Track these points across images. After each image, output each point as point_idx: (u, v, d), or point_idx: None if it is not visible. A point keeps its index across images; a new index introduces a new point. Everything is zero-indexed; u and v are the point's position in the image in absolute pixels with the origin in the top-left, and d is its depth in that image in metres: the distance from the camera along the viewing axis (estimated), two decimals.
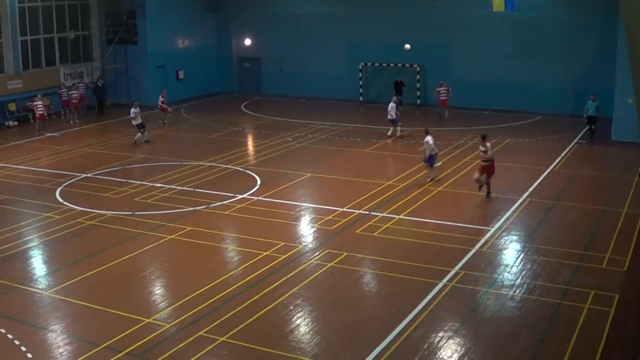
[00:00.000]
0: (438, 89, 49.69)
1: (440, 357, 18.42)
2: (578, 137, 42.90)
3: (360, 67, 57.45)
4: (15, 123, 51.69)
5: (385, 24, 56.09)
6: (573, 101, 49.19)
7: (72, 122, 52.05)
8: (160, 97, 50.61)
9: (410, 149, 40.93)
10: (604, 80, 45.71)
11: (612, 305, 21.08)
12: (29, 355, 18.91)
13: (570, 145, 40.77)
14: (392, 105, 43.95)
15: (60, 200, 32.61)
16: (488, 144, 32.16)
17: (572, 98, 49.53)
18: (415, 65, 55.20)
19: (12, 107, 52.38)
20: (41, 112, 49.36)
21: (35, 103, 49.56)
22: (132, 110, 45.05)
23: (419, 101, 55.38)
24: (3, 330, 20.28)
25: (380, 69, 56.79)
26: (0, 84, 51.99)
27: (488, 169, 31.78)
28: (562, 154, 38.60)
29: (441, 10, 54.25)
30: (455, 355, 18.51)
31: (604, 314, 20.61)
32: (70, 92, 53.73)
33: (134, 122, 45.04)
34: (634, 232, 27.08)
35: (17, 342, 19.62)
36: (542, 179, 34.27)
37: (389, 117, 44.16)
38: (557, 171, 35.54)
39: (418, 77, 55.35)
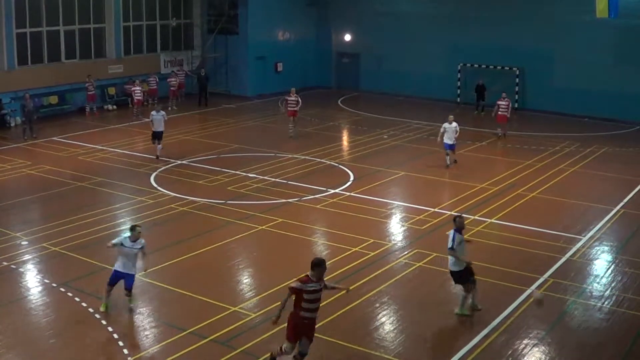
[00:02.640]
0: (499, 102, 45.33)
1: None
2: None
3: (459, 67, 57.13)
4: (114, 107, 52.56)
5: (486, 25, 55.62)
6: None
7: (170, 108, 52.62)
8: (135, 87, 51.15)
9: (506, 152, 40.61)
10: None
11: None
12: (115, 336, 19.22)
13: None
14: (454, 125, 37.28)
15: (155, 185, 33.07)
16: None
17: None
18: (514, 68, 54.67)
19: (111, 91, 53.36)
20: (139, 97, 50.13)
21: (133, 88, 50.34)
22: (154, 114, 38.65)
23: (516, 105, 54.78)
24: (91, 310, 20.67)
25: (479, 70, 56.35)
26: (101, 68, 52.99)
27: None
28: None
29: (545, 14, 53.52)
30: None
31: None
32: (169, 80, 54.37)
33: (154, 129, 38.39)
34: None
35: (103, 322, 19.99)
36: (638, 190, 33.64)
37: (446, 140, 37.22)
38: None
39: (517, 80, 54.78)
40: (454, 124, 37.01)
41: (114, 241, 20.57)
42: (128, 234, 20.44)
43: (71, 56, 52.05)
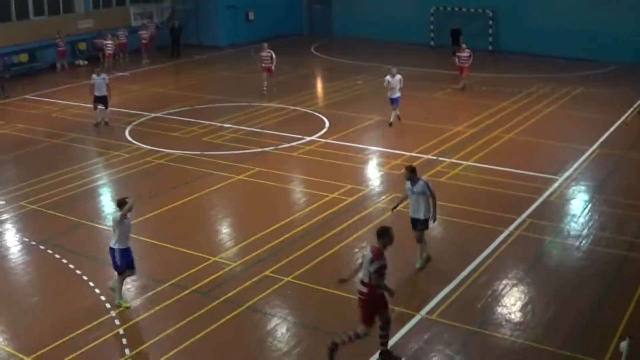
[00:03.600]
0: (459, 54, 42.84)
1: (504, 304, 18.38)
2: None
3: (432, 11, 56.87)
4: (86, 62, 52.19)
5: None
6: None
7: (143, 62, 52.33)
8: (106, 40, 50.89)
9: (481, 95, 40.56)
10: None
11: None
12: (97, 291, 19.24)
13: None
14: (398, 77, 34.90)
15: (130, 139, 32.95)
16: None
17: None
18: (487, 11, 54.50)
19: (82, 46, 53.01)
20: (110, 51, 49.84)
21: (105, 42, 50.01)
22: (95, 77, 35.58)
23: (490, 47, 54.76)
24: (72, 266, 20.67)
25: (452, 13, 56.14)
26: (70, 24, 52.50)
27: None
28: (636, 105, 37.96)
29: None
30: (519, 303, 18.46)
31: None
32: (140, 32, 53.97)
33: (95, 93, 35.33)
34: None
35: (85, 278, 19.99)
36: (614, 130, 33.73)
37: (390, 94, 34.95)
38: (630, 122, 35.00)
39: (491, 22, 54.64)
40: (398, 76, 34.62)
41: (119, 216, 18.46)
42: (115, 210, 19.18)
43: (40, 12, 51.46)
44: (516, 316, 17.88)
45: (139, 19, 57.14)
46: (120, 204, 18.41)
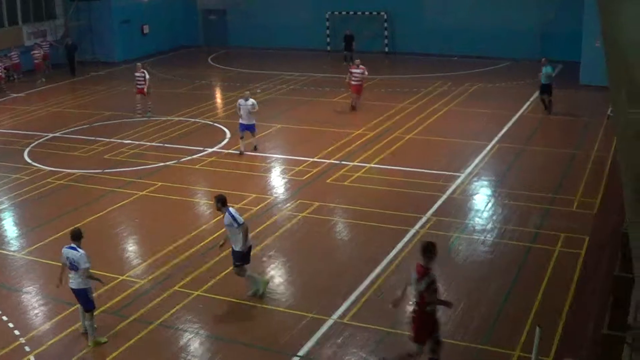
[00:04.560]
0: (352, 70, 38.71)
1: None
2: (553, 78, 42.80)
3: (327, 15, 57.10)
4: None
5: None
6: (541, 46, 48.88)
7: (38, 82, 51.55)
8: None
9: (380, 97, 40.87)
10: (571, 23, 45.53)
11: (583, 248, 21.31)
12: (5, 318, 18.88)
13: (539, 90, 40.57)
14: (250, 102, 31.71)
15: (29, 160, 32.40)
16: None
17: (540, 42, 49.30)
18: (382, 13, 54.93)
19: None
20: (0, 73, 48.91)
21: None
22: None
23: (387, 49, 55.23)
24: None
25: (347, 17, 56.42)
26: None
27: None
28: (531, 99, 38.64)
29: None
30: None
31: (574, 256, 20.84)
32: (32, 52, 53.11)
33: None
34: (603, 175, 27.26)
35: None
36: (512, 124, 34.37)
37: (241, 120, 31.91)
38: (526, 116, 35.64)
39: (386, 24, 55.07)
40: (251, 100, 31.70)
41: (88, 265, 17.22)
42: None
43: None
44: None
45: (32, 38, 56.25)
46: (77, 236, 17.42)
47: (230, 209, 19.00)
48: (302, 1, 58.28)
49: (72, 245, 16.95)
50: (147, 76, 39.32)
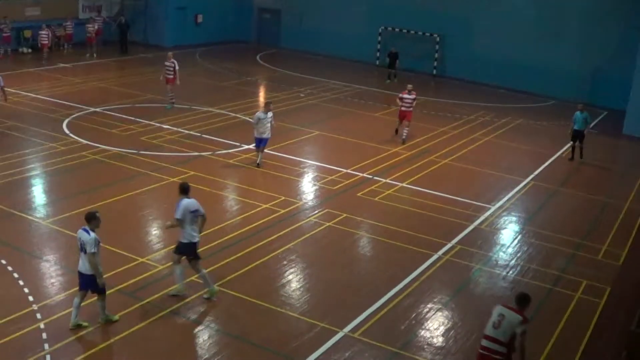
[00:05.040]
0: (403, 95, 35.80)
1: (427, 327, 18.48)
2: (589, 127, 42.47)
3: (380, 30, 57.09)
4: (29, 50, 51.59)
5: None
6: (589, 89, 48.56)
7: (87, 55, 51.93)
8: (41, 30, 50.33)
9: (422, 118, 40.69)
10: (623, 70, 45.19)
11: (603, 297, 21.09)
12: (21, 283, 19.02)
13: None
14: (270, 115, 30.17)
15: (67, 131, 32.61)
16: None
17: (588, 86, 48.88)
18: (435, 35, 54.86)
19: (27, 34, 52.27)
20: (45, 42, 49.34)
21: (40, 32, 49.57)
22: None
23: (434, 72, 55.14)
24: None
25: (399, 34, 56.40)
26: (17, 10, 51.83)
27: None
28: (571, 142, 38.42)
29: None
30: (442, 328, 18.58)
31: (594, 304, 20.64)
32: (87, 25, 53.58)
33: None
34: (634, 228, 27.00)
35: (9, 268, 19.74)
36: (549, 164, 34.14)
37: (257, 134, 30.10)
38: (564, 158, 35.36)
39: (437, 47, 54.99)
40: (270, 113, 30.09)
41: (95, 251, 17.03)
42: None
43: None
44: (438, 340, 17.99)
45: (87, 12, 56.62)
46: (91, 218, 17.05)
47: (184, 200, 18.77)
48: (357, 12, 58.16)
49: (86, 227, 16.87)
50: (177, 67, 38.72)
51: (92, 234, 16.70)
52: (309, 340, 17.50)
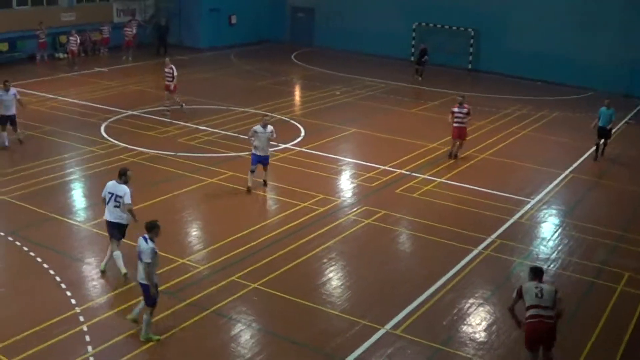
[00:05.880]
0: (454, 109, 32.17)
1: (469, 323, 18.42)
2: (628, 117, 42.23)
3: (414, 26, 56.94)
4: (66, 55, 51.89)
5: None
6: (628, 81, 48.25)
7: (123, 58, 52.22)
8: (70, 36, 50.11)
9: None
10: None
11: None
12: (63, 286, 19.16)
13: (620, 125, 39.84)
14: (269, 130, 27.18)
15: (105, 135, 32.80)
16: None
17: (627, 77, 48.52)
18: (469, 30, 54.66)
19: (63, 39, 52.54)
20: (73, 47, 49.48)
21: (69, 37, 49.81)
22: (2, 93, 30.49)
23: (470, 66, 54.92)
24: (39, 259, 20.54)
25: (433, 29, 56.27)
26: (53, 16, 52.21)
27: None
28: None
29: None
30: (484, 324, 18.52)
31: (636, 297, 20.49)
32: (125, 29, 53.93)
33: (5, 112, 30.50)
34: None
35: (52, 272, 19.89)
36: (588, 156, 33.84)
37: (255, 150, 27.07)
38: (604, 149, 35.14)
39: (472, 41, 54.80)
40: (270, 127, 27.17)
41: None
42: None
43: (23, 2, 51.20)
44: (481, 336, 17.93)
45: (122, 16, 56.99)
46: (152, 227, 17.21)
47: (124, 186, 20.09)
48: (391, 9, 57.99)
49: (145, 236, 16.99)
50: (175, 73, 37.02)
51: (150, 244, 16.75)
52: (350, 337, 17.50)
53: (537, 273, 16.11)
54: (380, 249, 22.60)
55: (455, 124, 31.91)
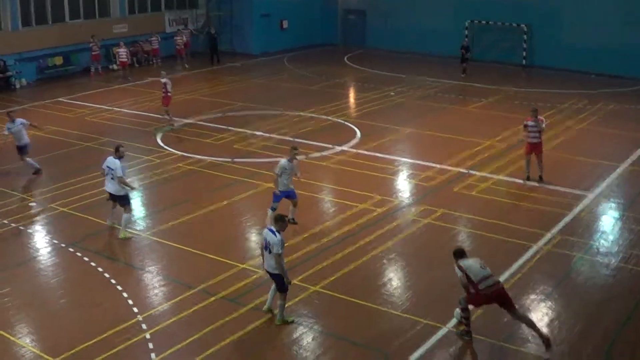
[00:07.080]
0: (527, 122, 28.25)
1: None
2: None
3: (467, 24, 56.71)
4: (120, 67, 52.43)
5: None
6: None
7: (179, 67, 52.74)
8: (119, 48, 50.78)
9: (513, 110, 40.31)
10: None
11: None
12: (125, 295, 19.35)
13: None
14: (296, 162, 24.21)
15: (161, 144, 33.10)
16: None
17: None
18: (522, 25, 54.32)
19: (115, 51, 53.09)
20: (124, 59, 49.92)
21: (118, 50, 50.26)
22: (10, 125, 29.54)
23: (524, 62, 54.57)
24: (100, 269, 20.80)
25: (486, 26, 56.00)
26: (105, 28, 52.84)
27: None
28: None
29: None
30: (546, 319, 18.40)
31: None
32: (175, 38, 54.44)
33: (17, 143, 29.58)
34: None
35: (113, 281, 20.11)
36: None
37: (282, 187, 23.76)
38: None
39: (525, 37, 54.44)
40: (296, 160, 24.39)
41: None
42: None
43: (75, 16, 51.86)
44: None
45: (174, 25, 57.48)
46: (279, 219, 17.74)
47: (117, 160, 23.33)
48: (443, 8, 57.93)
49: (272, 228, 17.46)
50: (170, 86, 36.76)
51: (279, 235, 17.28)
52: (412, 337, 17.49)
53: (462, 252, 17.69)
54: (439, 248, 22.53)
55: (528, 140, 28.26)
